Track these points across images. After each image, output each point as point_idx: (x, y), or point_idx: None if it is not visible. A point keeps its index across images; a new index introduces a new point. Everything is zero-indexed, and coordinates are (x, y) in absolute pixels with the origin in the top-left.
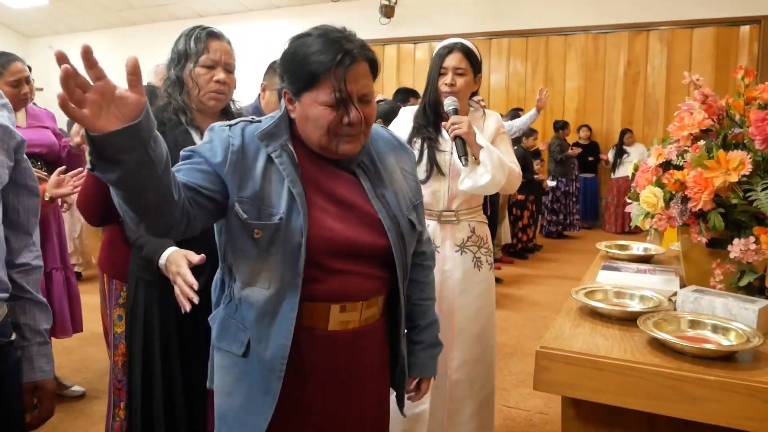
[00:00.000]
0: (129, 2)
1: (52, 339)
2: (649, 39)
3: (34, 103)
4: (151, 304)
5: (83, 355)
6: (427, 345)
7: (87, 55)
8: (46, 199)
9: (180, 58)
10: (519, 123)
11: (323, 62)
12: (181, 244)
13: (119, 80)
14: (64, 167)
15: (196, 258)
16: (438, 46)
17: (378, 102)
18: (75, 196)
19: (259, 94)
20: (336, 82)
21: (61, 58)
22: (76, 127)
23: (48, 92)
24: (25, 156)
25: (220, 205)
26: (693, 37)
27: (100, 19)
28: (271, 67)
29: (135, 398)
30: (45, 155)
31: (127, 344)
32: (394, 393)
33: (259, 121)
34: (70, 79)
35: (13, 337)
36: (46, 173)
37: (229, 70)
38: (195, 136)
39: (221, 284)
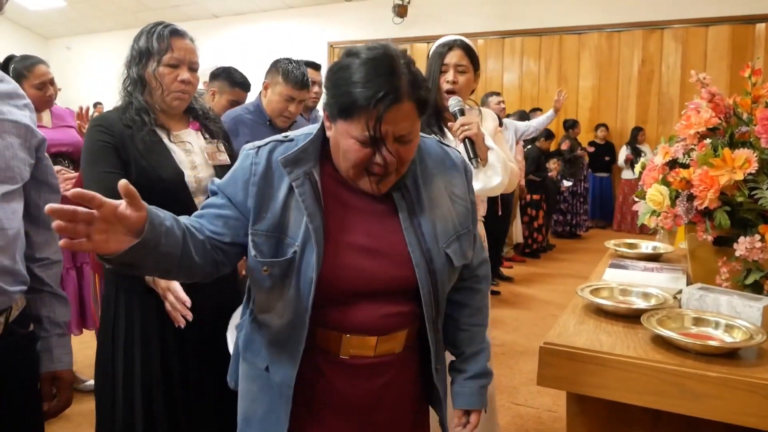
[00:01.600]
0: (145, 3)
1: (84, 331)
2: (663, 37)
3: (56, 104)
4: (132, 313)
5: None
6: (473, 374)
7: (80, 196)
8: None
9: (141, 56)
10: (536, 123)
11: (361, 97)
12: None
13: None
14: (58, 167)
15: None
16: (435, 44)
17: None
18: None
19: (261, 92)
20: (372, 120)
21: (51, 212)
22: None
23: (66, 92)
24: (46, 154)
25: (245, 245)
26: (708, 35)
27: (116, 21)
28: (274, 66)
29: (117, 408)
30: (71, 154)
31: (106, 352)
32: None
33: (292, 140)
34: (67, 228)
35: (31, 328)
36: (72, 171)
37: (193, 68)
38: (162, 136)
39: (247, 295)
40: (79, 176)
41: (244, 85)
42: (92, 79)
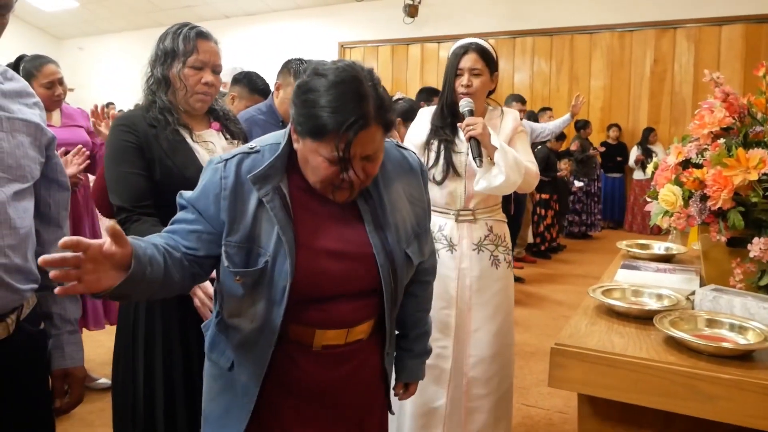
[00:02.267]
0: (157, 4)
1: (84, 331)
2: (676, 37)
3: (67, 103)
4: (153, 312)
5: (111, 348)
6: (417, 353)
7: (67, 244)
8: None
9: (167, 56)
10: (552, 126)
11: (331, 122)
12: None
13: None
14: (63, 149)
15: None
16: (453, 46)
17: (396, 101)
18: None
19: (273, 93)
20: (341, 143)
21: (46, 264)
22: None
23: (79, 92)
24: (55, 152)
25: (218, 256)
26: (721, 35)
27: (129, 21)
28: (285, 67)
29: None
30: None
31: (126, 351)
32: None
33: (258, 151)
34: (61, 274)
35: (42, 326)
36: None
37: (216, 71)
38: (186, 135)
39: (216, 296)
40: (100, 173)
41: (264, 92)
42: (104, 80)
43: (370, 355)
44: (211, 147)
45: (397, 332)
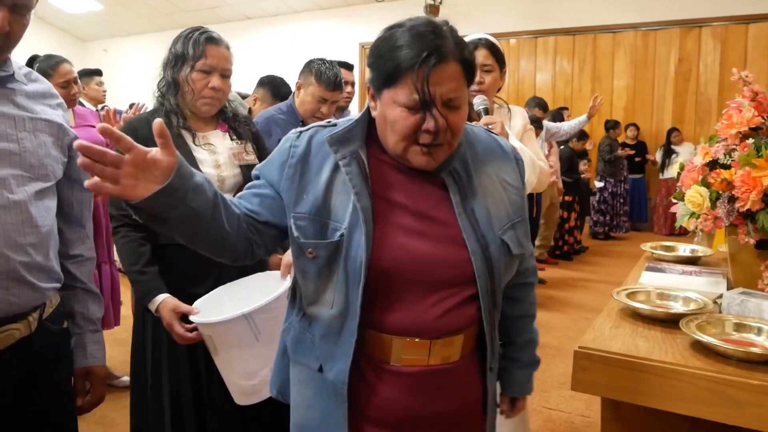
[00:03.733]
0: (180, 6)
1: (117, 327)
2: (701, 35)
3: (81, 103)
4: (158, 333)
5: None
6: (524, 363)
7: (107, 132)
8: None
9: (177, 60)
10: (567, 127)
11: (406, 58)
12: (177, 250)
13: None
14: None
15: (187, 310)
16: None
17: None
18: None
19: (294, 93)
20: (418, 82)
21: (80, 149)
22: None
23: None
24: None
25: (281, 227)
26: (748, 33)
27: (152, 23)
28: (307, 66)
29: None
30: None
31: (138, 355)
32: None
33: (335, 125)
34: (95, 165)
35: (65, 325)
36: None
37: (225, 75)
38: (188, 139)
39: (293, 293)
40: None
41: (285, 99)
42: (128, 81)
43: (466, 380)
44: (213, 148)
45: (500, 342)
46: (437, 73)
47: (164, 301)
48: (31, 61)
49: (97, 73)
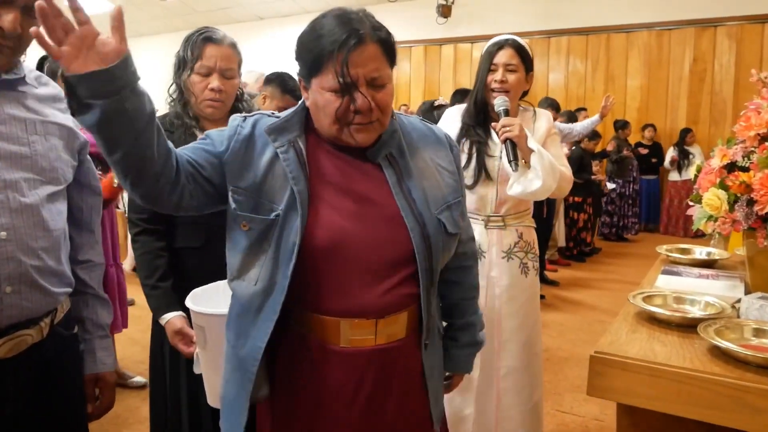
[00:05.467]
0: (192, 6)
1: (131, 328)
2: (716, 35)
3: None
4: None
5: (147, 346)
6: (463, 344)
7: (48, 5)
8: (114, 185)
9: (180, 64)
10: (579, 127)
11: (326, 44)
12: (191, 253)
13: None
14: None
15: (186, 348)
16: (488, 43)
17: (438, 106)
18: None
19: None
20: (338, 65)
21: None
22: None
23: None
24: (88, 156)
25: (219, 189)
26: (764, 33)
27: (165, 24)
28: (268, 78)
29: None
30: (100, 154)
31: (156, 357)
32: None
33: (277, 117)
34: (48, 16)
35: (75, 330)
36: (100, 171)
37: (228, 76)
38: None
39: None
40: (111, 176)
41: (294, 92)
42: (143, 82)
43: (412, 357)
44: None
45: (444, 323)
46: (357, 55)
47: (170, 321)
48: (41, 62)
49: None
